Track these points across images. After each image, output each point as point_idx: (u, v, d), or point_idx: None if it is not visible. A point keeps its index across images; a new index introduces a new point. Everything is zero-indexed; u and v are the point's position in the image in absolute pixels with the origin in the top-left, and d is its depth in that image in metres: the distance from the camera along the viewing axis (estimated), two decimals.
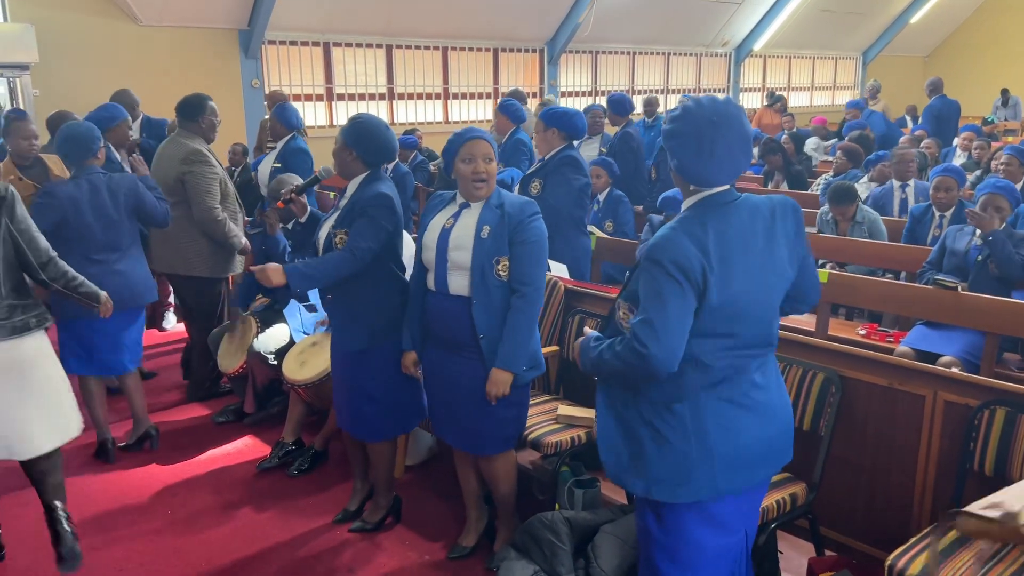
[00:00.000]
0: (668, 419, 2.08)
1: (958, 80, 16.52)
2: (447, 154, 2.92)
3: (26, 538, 3.41)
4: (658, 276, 1.97)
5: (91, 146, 3.85)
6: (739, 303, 2.03)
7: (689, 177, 2.06)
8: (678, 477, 2.08)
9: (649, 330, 1.97)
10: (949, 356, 3.91)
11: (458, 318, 2.86)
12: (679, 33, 14.00)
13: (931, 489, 2.77)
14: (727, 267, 2.00)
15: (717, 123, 1.99)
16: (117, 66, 8.72)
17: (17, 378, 2.96)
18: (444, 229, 2.89)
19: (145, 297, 4.03)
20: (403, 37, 11.11)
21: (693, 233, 1.99)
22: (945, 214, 4.98)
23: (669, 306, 1.96)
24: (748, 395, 2.11)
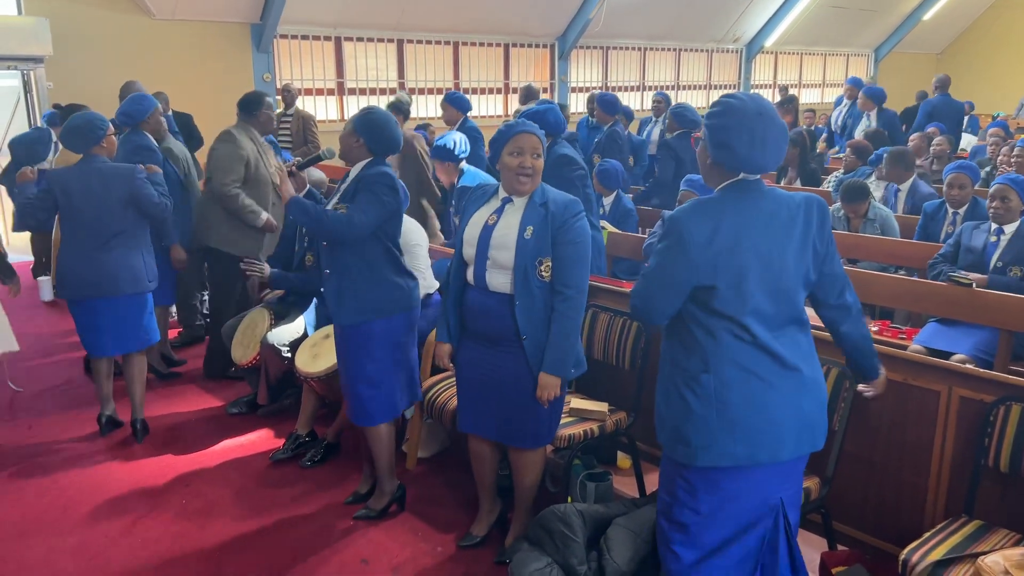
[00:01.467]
0: (695, 388, 2.20)
1: (971, 77, 16.46)
2: (496, 144, 2.90)
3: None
4: (663, 240, 2.19)
5: (91, 135, 3.97)
6: (757, 280, 2.14)
7: (740, 165, 2.18)
8: (700, 442, 2.19)
9: (641, 282, 2.27)
10: (962, 354, 3.91)
11: (499, 315, 2.87)
12: (690, 29, 13.97)
13: (945, 485, 2.77)
14: (740, 243, 2.13)
15: (763, 115, 2.15)
16: (130, 59, 8.77)
17: None
18: (487, 226, 2.88)
19: (126, 287, 4.03)
20: (414, 32, 11.12)
21: (709, 209, 2.16)
22: (959, 211, 4.96)
23: (663, 266, 2.18)
24: (774, 371, 2.19)
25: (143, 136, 4.71)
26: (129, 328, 4.13)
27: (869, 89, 8.64)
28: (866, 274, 4.50)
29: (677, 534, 2.28)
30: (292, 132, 7.95)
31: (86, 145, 3.98)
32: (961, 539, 2.44)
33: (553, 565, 2.85)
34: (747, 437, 2.18)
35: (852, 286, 2.36)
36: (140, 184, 4.02)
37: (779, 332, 2.20)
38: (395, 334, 3.26)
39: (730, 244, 2.13)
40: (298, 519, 3.50)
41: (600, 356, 3.63)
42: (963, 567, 2.32)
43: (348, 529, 3.42)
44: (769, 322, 2.18)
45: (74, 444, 4.22)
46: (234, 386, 4.93)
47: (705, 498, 2.24)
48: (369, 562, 3.19)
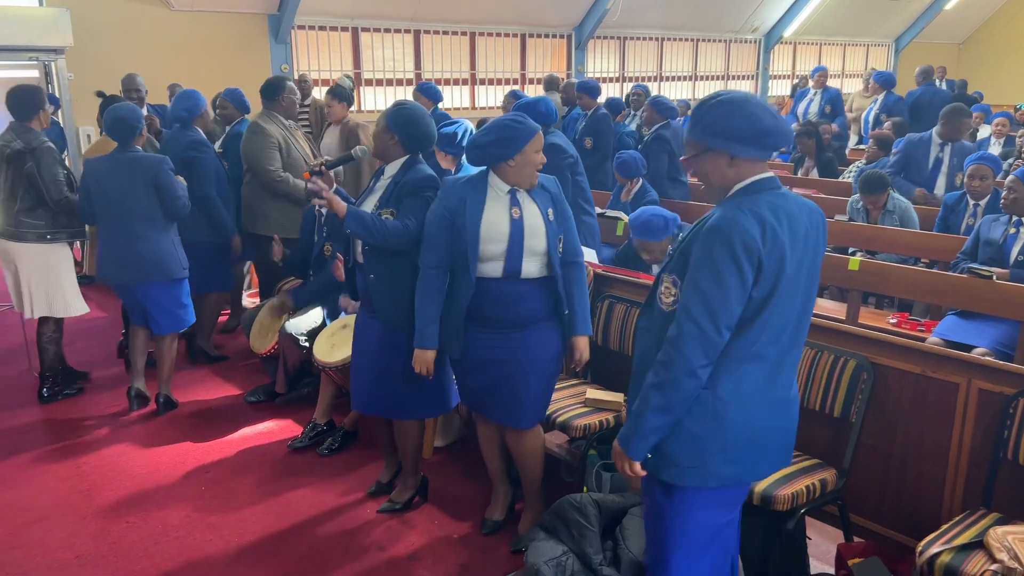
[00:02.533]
0: (692, 405, 2.08)
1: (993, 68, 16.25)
2: (517, 140, 2.83)
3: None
4: (720, 256, 1.98)
5: (137, 126, 4.18)
6: (782, 291, 2.04)
7: (745, 145, 2.04)
8: (689, 462, 2.12)
9: (706, 312, 1.98)
10: (982, 347, 3.87)
11: (532, 298, 2.94)
12: (708, 19, 13.87)
13: (963, 477, 2.76)
14: (778, 252, 2.00)
15: (748, 97, 2.09)
16: (149, 50, 8.83)
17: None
18: (514, 220, 2.88)
19: (155, 274, 4.24)
20: (431, 22, 11.12)
21: (756, 212, 2.00)
22: (979, 203, 4.91)
23: (729, 288, 1.98)
24: (773, 391, 2.13)
25: (195, 131, 4.87)
26: (162, 312, 4.35)
27: (879, 75, 8.76)
28: (885, 266, 4.47)
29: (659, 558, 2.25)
30: (311, 123, 7.97)
31: (131, 135, 4.17)
32: (979, 531, 2.43)
33: (569, 554, 2.87)
34: (738, 458, 2.12)
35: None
36: (166, 174, 4.17)
37: (784, 348, 2.11)
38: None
39: (772, 246, 1.99)
40: (316, 507, 3.53)
41: (616, 347, 3.63)
42: (980, 558, 2.31)
43: (365, 517, 3.45)
44: (782, 337, 2.09)
45: (97, 430, 4.28)
46: (253, 375, 4.97)
47: (687, 516, 2.18)
48: (386, 549, 3.22)
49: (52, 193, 4.28)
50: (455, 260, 2.91)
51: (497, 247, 2.88)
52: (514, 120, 2.87)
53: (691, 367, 2.01)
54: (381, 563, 3.14)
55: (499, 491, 3.34)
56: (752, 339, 2.05)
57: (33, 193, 4.30)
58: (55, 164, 4.32)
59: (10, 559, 3.17)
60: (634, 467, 2.14)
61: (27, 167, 4.26)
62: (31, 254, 4.38)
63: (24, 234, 4.34)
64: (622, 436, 2.15)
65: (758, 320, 2.04)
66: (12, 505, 3.55)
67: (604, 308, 3.69)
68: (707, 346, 2.00)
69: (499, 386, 3.01)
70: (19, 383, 4.93)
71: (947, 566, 2.31)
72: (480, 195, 2.90)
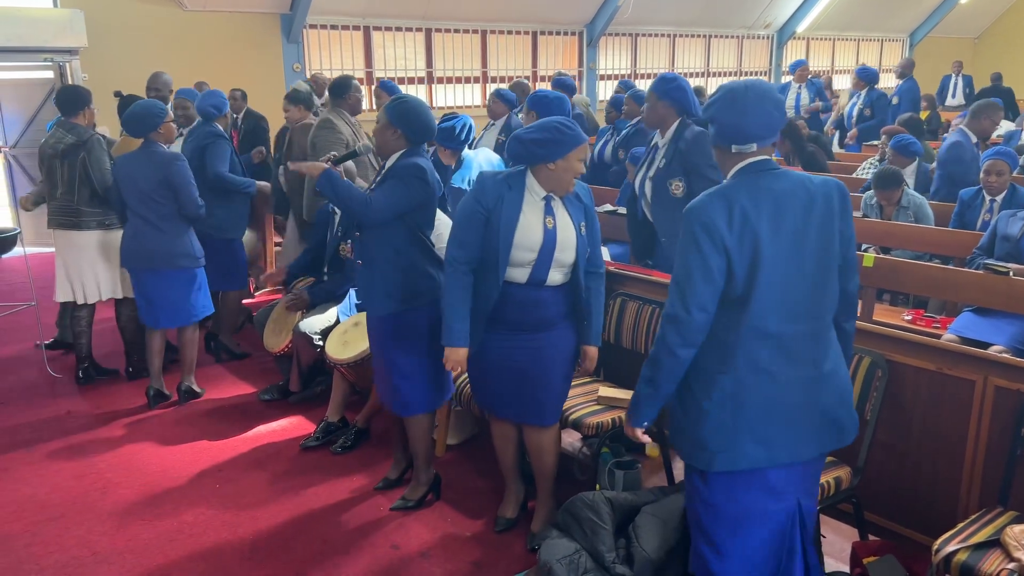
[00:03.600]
0: (711, 389, 2.16)
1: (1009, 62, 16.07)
2: (558, 145, 2.81)
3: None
4: (686, 238, 2.12)
5: (148, 122, 4.28)
6: (772, 267, 2.09)
7: (728, 134, 2.18)
8: (717, 445, 2.16)
9: (673, 293, 2.13)
10: (999, 345, 3.83)
11: (554, 303, 2.95)
12: (720, 15, 13.81)
13: (979, 475, 2.73)
14: (753, 232, 2.08)
15: (748, 85, 2.19)
16: (162, 50, 8.89)
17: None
18: (548, 230, 2.87)
19: (168, 264, 4.37)
20: (442, 21, 11.13)
21: (721, 194, 2.12)
22: (996, 199, 4.87)
23: (690, 262, 2.10)
24: (790, 368, 2.15)
25: (215, 126, 5.04)
26: (177, 302, 4.45)
27: (862, 70, 8.80)
28: (900, 262, 4.44)
29: (705, 544, 2.27)
30: None
31: (144, 130, 4.31)
32: (995, 530, 2.41)
33: (582, 552, 2.86)
34: (765, 438, 2.15)
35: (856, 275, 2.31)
36: (178, 173, 4.28)
37: (797, 325, 2.13)
38: (425, 325, 3.22)
39: (741, 227, 2.07)
40: (329, 505, 3.54)
41: (628, 344, 3.62)
42: (997, 557, 2.29)
43: (378, 514, 3.46)
44: (787, 314, 2.12)
45: (113, 428, 4.31)
46: (267, 373, 5.00)
47: (726, 503, 2.21)
48: (399, 547, 3.23)
49: (100, 182, 4.54)
50: (485, 260, 2.89)
51: (527, 255, 2.87)
52: (564, 124, 2.85)
53: (668, 346, 2.15)
54: (394, 560, 3.15)
55: (512, 489, 3.35)
56: (753, 318, 2.11)
57: (89, 184, 4.55)
58: (104, 155, 4.58)
59: (28, 556, 3.20)
60: (635, 433, 2.35)
61: (81, 158, 4.51)
62: (94, 241, 4.64)
63: (86, 223, 4.59)
64: (628, 407, 2.35)
65: (751, 299, 2.10)
66: (29, 502, 3.58)
67: (616, 306, 3.68)
68: (679, 326, 2.12)
69: (522, 386, 3.01)
70: (34, 382, 4.97)
71: (963, 565, 2.29)
72: (517, 196, 2.87)
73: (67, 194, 4.56)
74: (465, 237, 2.88)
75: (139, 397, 4.66)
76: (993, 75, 13.10)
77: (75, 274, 4.65)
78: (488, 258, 2.87)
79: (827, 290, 2.18)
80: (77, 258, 4.62)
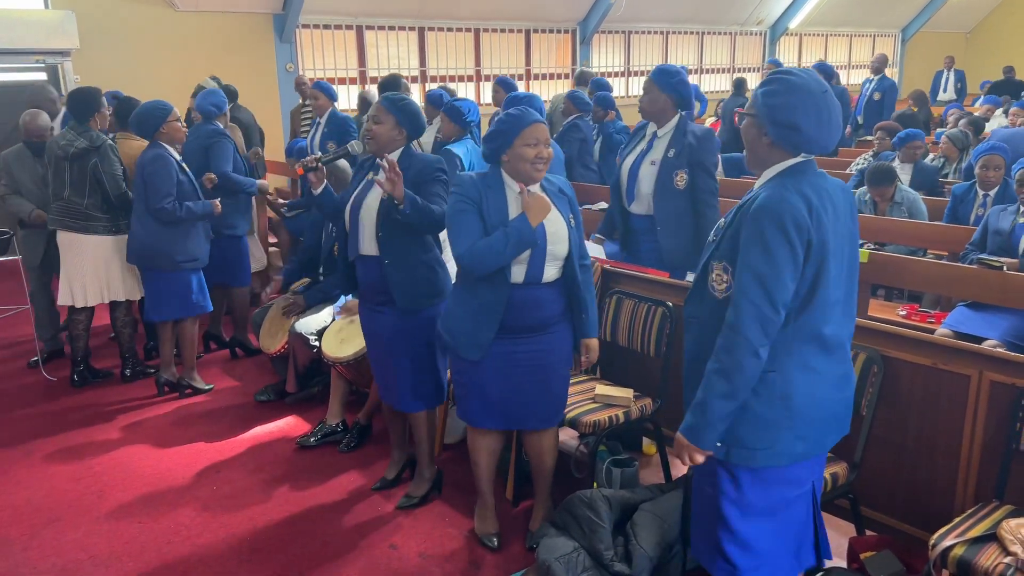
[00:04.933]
0: (758, 387, 2.11)
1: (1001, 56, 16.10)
2: (503, 135, 2.80)
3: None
4: (771, 234, 2.00)
5: (149, 123, 4.39)
6: (830, 269, 2.08)
7: (804, 146, 2.09)
8: (759, 442, 2.14)
9: (762, 291, 2.01)
10: (993, 339, 3.85)
11: (551, 301, 2.93)
12: (713, 12, 13.82)
13: (975, 470, 2.74)
14: (824, 231, 2.05)
15: (826, 92, 2.08)
16: (155, 51, 8.86)
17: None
18: (540, 224, 2.84)
19: (145, 261, 4.51)
20: (435, 19, 11.11)
21: (801, 192, 2.04)
22: (989, 193, 4.89)
23: (782, 266, 2.00)
24: (833, 367, 2.17)
25: (216, 124, 5.10)
26: (173, 297, 4.56)
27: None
28: (895, 258, 4.44)
29: (729, 540, 2.24)
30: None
31: (145, 131, 4.42)
32: (992, 524, 2.42)
33: (580, 550, 2.87)
34: (808, 434, 2.16)
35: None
36: (151, 170, 4.35)
37: (841, 324, 2.16)
38: (435, 320, 3.21)
39: (818, 227, 2.03)
40: (326, 505, 3.54)
41: (625, 342, 3.63)
42: (993, 550, 2.30)
43: (376, 514, 3.46)
44: (836, 315, 2.13)
45: (108, 431, 4.30)
46: (263, 374, 4.99)
47: (755, 496, 2.20)
48: (397, 547, 3.23)
49: (112, 188, 4.56)
50: None
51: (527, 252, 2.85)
52: (507, 114, 2.85)
53: (753, 347, 2.03)
54: (392, 560, 3.15)
55: (489, 504, 3.26)
56: (810, 318, 2.10)
57: (100, 189, 4.57)
58: (115, 161, 4.61)
59: (24, 560, 3.19)
60: (699, 457, 2.16)
61: (92, 164, 4.53)
62: (101, 245, 4.64)
63: (93, 227, 4.60)
64: (687, 428, 2.14)
65: (814, 299, 2.08)
66: (26, 506, 3.57)
67: (612, 304, 3.69)
68: (765, 324, 2.03)
69: (526, 391, 2.98)
70: (30, 385, 4.96)
71: (960, 559, 2.30)
72: (499, 194, 2.85)
73: (75, 196, 4.56)
74: (465, 230, 2.80)
75: (135, 399, 4.66)
76: (1005, 68, 13.20)
77: (76, 277, 4.64)
78: None
79: (855, 291, 2.21)
80: (80, 260, 4.62)
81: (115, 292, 4.72)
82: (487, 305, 2.86)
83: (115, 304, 4.81)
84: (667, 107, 3.91)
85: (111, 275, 4.68)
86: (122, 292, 4.73)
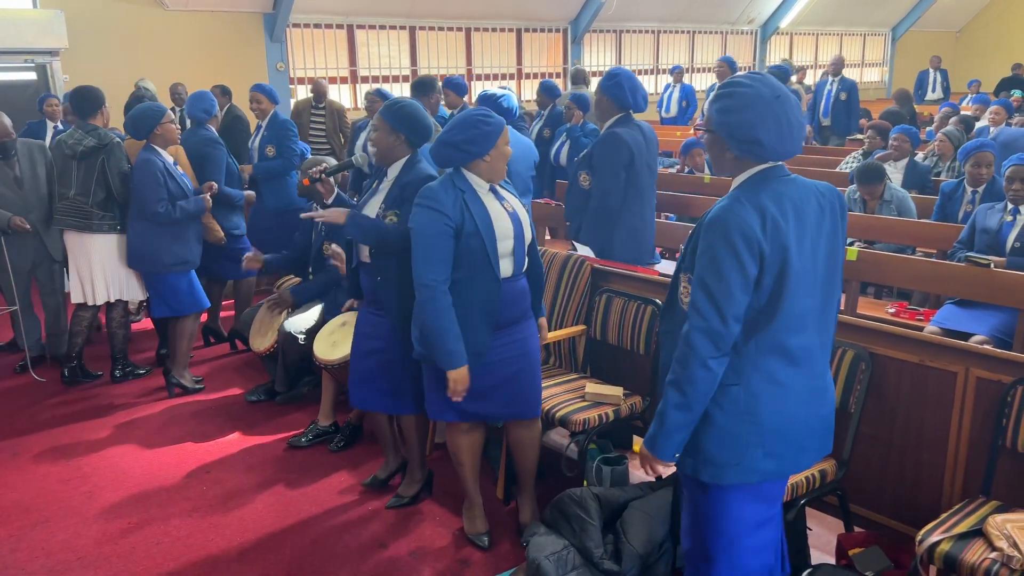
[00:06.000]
0: (723, 401, 2.08)
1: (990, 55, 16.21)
2: (491, 136, 2.81)
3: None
4: (722, 246, 1.98)
5: (142, 125, 4.43)
6: (795, 276, 2.02)
7: (768, 156, 2.04)
8: (728, 459, 2.10)
9: (710, 304, 1.99)
10: (980, 335, 3.88)
11: (529, 290, 3.04)
12: (704, 11, 13.85)
13: (962, 466, 2.76)
14: (783, 239, 1.99)
15: (780, 97, 2.01)
16: (145, 51, 8.83)
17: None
18: (510, 213, 2.89)
19: (139, 263, 4.61)
20: (426, 19, 11.10)
21: (756, 203, 2.00)
22: (978, 190, 4.91)
23: (731, 279, 1.98)
24: (804, 382, 2.12)
25: (209, 129, 5.12)
26: (155, 296, 4.67)
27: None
28: (884, 256, 4.47)
29: (700, 555, 2.24)
30: (326, 129, 8.03)
31: (139, 133, 4.47)
32: (978, 520, 2.43)
33: (570, 548, 2.87)
34: (777, 452, 2.11)
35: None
36: (139, 177, 4.42)
37: (810, 336, 2.10)
38: None
39: (773, 237, 1.98)
40: (317, 505, 3.54)
41: (615, 341, 3.63)
42: (980, 546, 2.32)
43: (366, 514, 3.46)
44: (809, 324, 2.08)
45: (98, 431, 4.29)
46: (253, 374, 4.98)
47: (725, 516, 2.18)
48: (387, 546, 3.23)
49: (119, 186, 4.58)
50: (469, 267, 2.81)
51: (508, 244, 2.87)
52: (484, 115, 2.84)
53: (702, 359, 2.01)
54: (383, 559, 3.14)
55: (476, 502, 3.27)
56: (774, 330, 2.04)
57: (105, 187, 4.57)
58: (123, 159, 4.62)
59: (12, 561, 3.17)
60: (659, 468, 2.15)
61: (100, 162, 4.54)
62: (106, 244, 4.64)
63: (99, 225, 4.59)
64: (648, 438, 2.13)
65: (777, 311, 2.03)
66: (14, 507, 3.56)
67: (602, 302, 3.69)
68: (715, 338, 2.00)
69: (511, 382, 3.00)
70: (18, 386, 4.94)
71: (947, 554, 2.31)
72: (472, 194, 2.84)
73: (81, 195, 4.57)
74: (437, 255, 2.77)
75: (125, 400, 4.65)
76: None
77: (86, 275, 4.67)
78: (477, 264, 2.81)
79: (834, 300, 2.16)
80: (87, 259, 4.64)
81: (118, 291, 4.73)
82: (482, 306, 2.85)
83: (112, 304, 4.81)
84: (608, 108, 4.28)
85: (116, 274, 4.70)
86: (125, 292, 4.74)
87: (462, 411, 3.02)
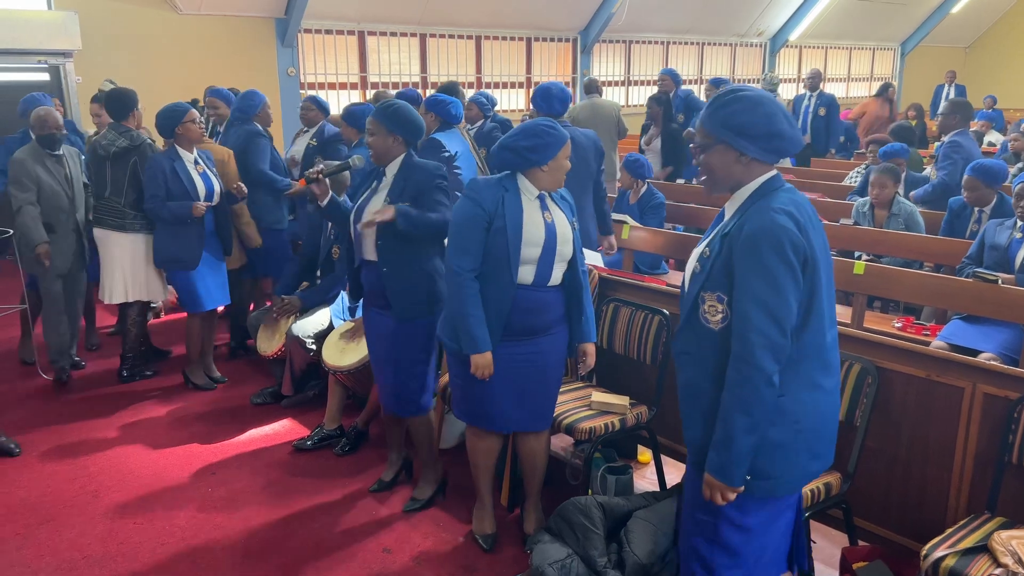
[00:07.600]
0: (773, 416, 2.07)
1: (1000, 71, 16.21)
2: (554, 146, 2.86)
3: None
4: (773, 262, 1.97)
5: (166, 123, 4.51)
6: (824, 282, 2.07)
7: (787, 145, 2.07)
8: (779, 471, 2.11)
9: (769, 319, 1.98)
10: (988, 352, 3.87)
11: (555, 305, 3.00)
12: (713, 23, 13.89)
13: (968, 481, 2.76)
14: (812, 244, 2.03)
15: (767, 97, 2.08)
16: (157, 54, 8.88)
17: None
18: (548, 224, 2.89)
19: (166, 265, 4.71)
20: (437, 26, 11.15)
21: (786, 212, 2.01)
22: (985, 208, 4.91)
23: (787, 291, 1.98)
24: (832, 380, 2.17)
25: (253, 124, 5.20)
26: (179, 292, 4.77)
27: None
28: (891, 270, 4.47)
29: (723, 558, 2.22)
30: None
31: (164, 132, 4.56)
32: (983, 535, 2.43)
33: (574, 556, 2.88)
34: (821, 451, 2.16)
35: None
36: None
37: (832, 335, 2.15)
38: (435, 327, 3.25)
39: (806, 244, 2.01)
40: (321, 508, 3.55)
41: (621, 350, 3.64)
42: (985, 562, 2.32)
43: (370, 518, 3.47)
44: (829, 329, 2.12)
45: (104, 431, 4.30)
46: (260, 377, 4.99)
47: (760, 522, 2.18)
48: (392, 551, 3.23)
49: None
50: (489, 263, 2.86)
51: (534, 251, 2.87)
52: (549, 127, 2.88)
53: (767, 376, 2.00)
54: (386, 564, 3.15)
55: (487, 503, 3.29)
56: (810, 335, 2.07)
57: (137, 187, 4.64)
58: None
59: (19, 559, 3.19)
60: (731, 495, 2.11)
61: (132, 162, 4.62)
62: (135, 243, 4.70)
63: (130, 224, 4.67)
64: (716, 468, 2.09)
65: (811, 315, 2.06)
66: (21, 506, 3.58)
67: (609, 312, 3.70)
68: (776, 351, 2.00)
69: (524, 392, 3.02)
70: (25, 385, 4.96)
71: (951, 570, 2.31)
72: (515, 197, 2.89)
73: (115, 196, 4.65)
74: (469, 244, 2.84)
75: (131, 401, 4.66)
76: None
77: (119, 274, 4.73)
78: (496, 261, 2.85)
79: (834, 299, 2.20)
80: (120, 258, 4.69)
81: (139, 292, 4.77)
82: (492, 305, 2.88)
83: (129, 304, 4.84)
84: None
85: (140, 274, 4.74)
86: (145, 292, 4.78)
87: (474, 415, 3.07)
